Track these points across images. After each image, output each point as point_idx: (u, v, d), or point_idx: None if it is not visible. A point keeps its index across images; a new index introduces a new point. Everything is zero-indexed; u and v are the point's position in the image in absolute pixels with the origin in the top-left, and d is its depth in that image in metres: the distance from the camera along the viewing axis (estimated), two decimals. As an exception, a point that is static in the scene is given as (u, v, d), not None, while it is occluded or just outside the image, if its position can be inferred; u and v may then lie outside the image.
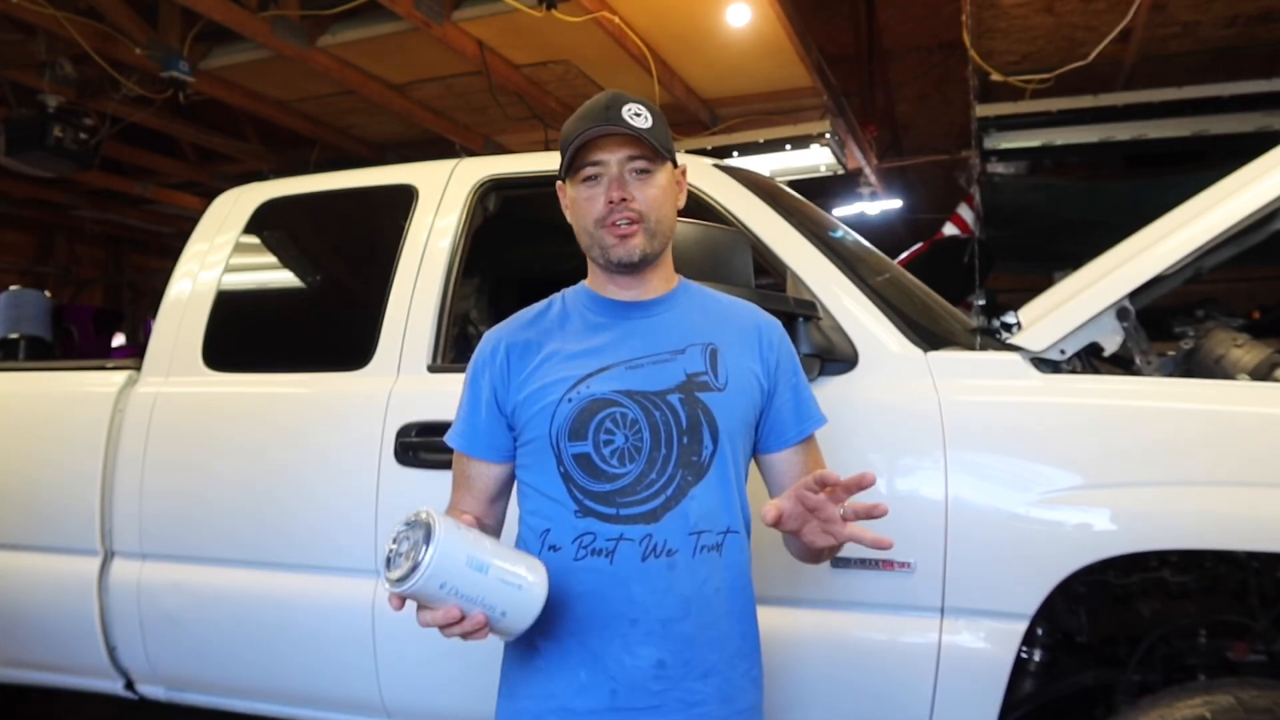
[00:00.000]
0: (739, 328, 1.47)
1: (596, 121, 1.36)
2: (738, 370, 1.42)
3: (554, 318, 1.48)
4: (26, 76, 5.72)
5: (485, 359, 1.46)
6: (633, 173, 1.38)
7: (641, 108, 1.39)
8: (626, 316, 1.44)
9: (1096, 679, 1.93)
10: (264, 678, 2.43)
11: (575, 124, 1.41)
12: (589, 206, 1.39)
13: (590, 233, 1.40)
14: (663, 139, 1.40)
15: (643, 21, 5.39)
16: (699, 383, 1.38)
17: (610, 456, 1.35)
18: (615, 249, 1.38)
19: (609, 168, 1.38)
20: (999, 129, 5.71)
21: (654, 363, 1.39)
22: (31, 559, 2.66)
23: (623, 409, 1.36)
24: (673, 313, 1.45)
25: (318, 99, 6.60)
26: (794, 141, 6.28)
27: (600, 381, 1.37)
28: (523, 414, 1.41)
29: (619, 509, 1.35)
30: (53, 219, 10.34)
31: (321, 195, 2.80)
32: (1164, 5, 4.73)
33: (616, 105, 1.37)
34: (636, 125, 1.36)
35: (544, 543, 1.38)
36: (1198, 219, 1.95)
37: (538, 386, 1.39)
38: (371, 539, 2.24)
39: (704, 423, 1.37)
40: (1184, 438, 1.79)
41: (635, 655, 1.34)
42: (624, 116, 1.36)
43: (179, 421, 2.54)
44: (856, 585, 1.91)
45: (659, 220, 1.40)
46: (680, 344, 1.41)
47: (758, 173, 2.58)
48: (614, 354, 1.40)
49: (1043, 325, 1.97)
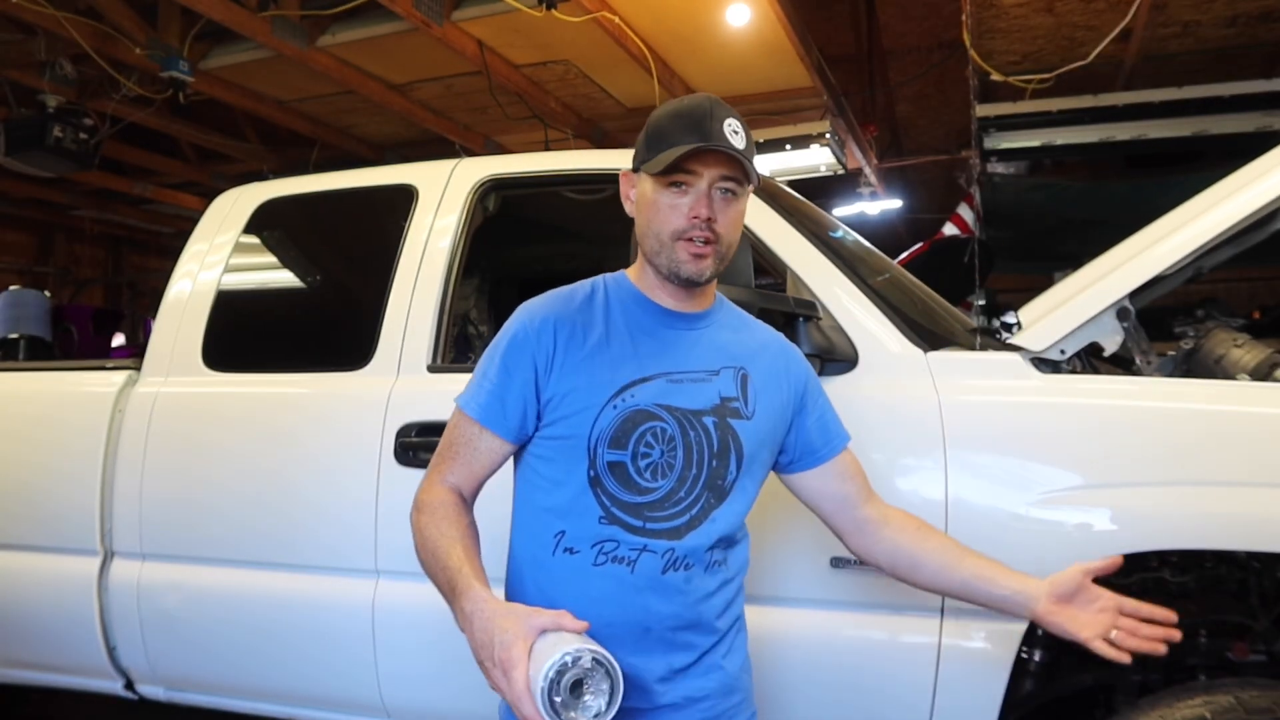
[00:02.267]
0: (768, 357, 1.48)
1: (700, 133, 1.32)
2: (764, 400, 1.44)
3: (599, 308, 1.43)
4: (26, 76, 5.72)
5: (531, 334, 1.39)
6: (719, 191, 1.36)
7: (739, 125, 1.36)
8: (671, 326, 1.43)
9: (1096, 679, 1.92)
10: (264, 678, 2.43)
11: (672, 123, 1.36)
12: (669, 215, 1.36)
13: (663, 241, 1.37)
14: (752, 160, 1.38)
15: (643, 21, 5.39)
16: (731, 408, 1.40)
17: (645, 469, 1.35)
18: (687, 265, 1.36)
19: (700, 180, 1.34)
20: (999, 129, 5.70)
21: (692, 380, 1.39)
22: (31, 559, 2.66)
23: (663, 424, 1.36)
24: (710, 330, 1.45)
25: (318, 99, 6.60)
26: (794, 141, 6.29)
27: (644, 392, 1.36)
28: (562, 407, 1.37)
29: (646, 522, 1.36)
30: (52, 219, 10.35)
31: (321, 195, 2.79)
32: (1164, 5, 4.73)
33: (720, 118, 1.34)
34: (735, 145, 1.33)
35: (559, 544, 1.37)
36: (1198, 219, 1.95)
37: (582, 382, 1.37)
38: (371, 539, 2.24)
39: (732, 448, 1.39)
40: (1184, 438, 1.79)
41: (645, 661, 1.35)
42: (725, 133, 1.33)
43: (179, 422, 2.54)
44: (856, 584, 1.90)
45: (730, 245, 1.39)
46: (715, 364, 1.42)
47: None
48: (656, 364, 1.39)
49: (1043, 325, 1.97)
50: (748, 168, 1.35)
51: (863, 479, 1.56)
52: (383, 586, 2.26)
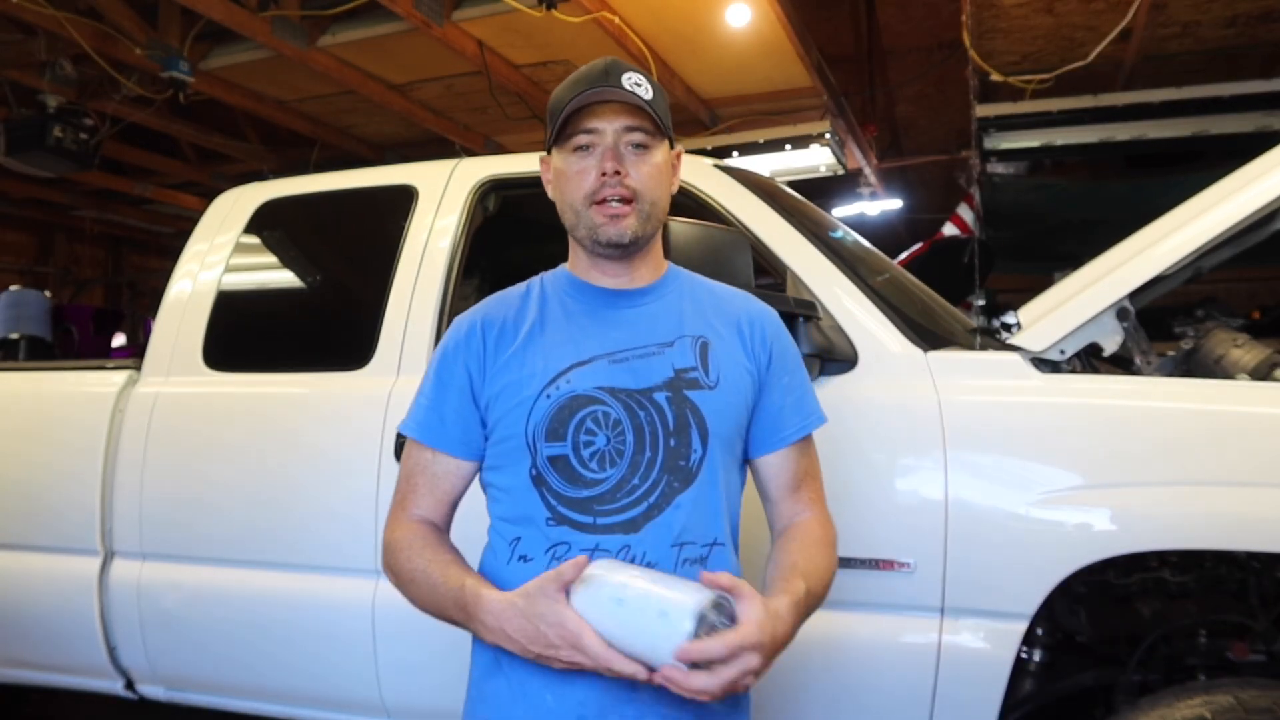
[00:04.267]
0: (731, 318, 1.36)
1: (594, 85, 1.24)
2: (730, 366, 1.31)
3: (533, 302, 1.35)
4: (26, 76, 5.72)
5: (459, 341, 1.33)
6: (629, 146, 1.26)
7: (642, 78, 1.27)
8: (611, 305, 1.33)
9: (1096, 679, 1.92)
10: (264, 677, 2.43)
11: (568, 88, 1.28)
12: (578, 180, 1.26)
13: (577, 209, 1.27)
14: (663, 113, 1.29)
15: (643, 21, 5.39)
16: (688, 379, 1.27)
17: (590, 459, 1.24)
18: (605, 228, 1.25)
19: (604, 137, 1.25)
20: (999, 129, 5.70)
21: (639, 356, 1.28)
22: (32, 559, 2.66)
23: (605, 407, 1.25)
24: (660, 302, 1.34)
25: (318, 99, 6.60)
26: (794, 141, 6.28)
27: (581, 376, 1.26)
28: (497, 408, 1.29)
29: (596, 517, 1.24)
30: (53, 219, 10.34)
31: (321, 195, 2.80)
32: (1164, 5, 4.73)
33: (616, 72, 1.26)
34: (638, 94, 1.24)
35: (514, 552, 1.27)
36: (1198, 219, 1.95)
37: (515, 378, 1.28)
38: (371, 539, 2.24)
39: (693, 424, 1.26)
40: (1184, 438, 1.79)
41: (606, 679, 1.15)
42: (624, 84, 1.24)
43: (179, 422, 2.54)
44: (856, 585, 1.90)
45: (654, 202, 1.28)
46: (668, 336, 1.30)
47: (757, 173, 2.58)
48: (596, 346, 1.29)
49: (1043, 325, 1.97)
50: (655, 116, 1.26)
51: (815, 488, 1.39)
52: (383, 586, 2.26)
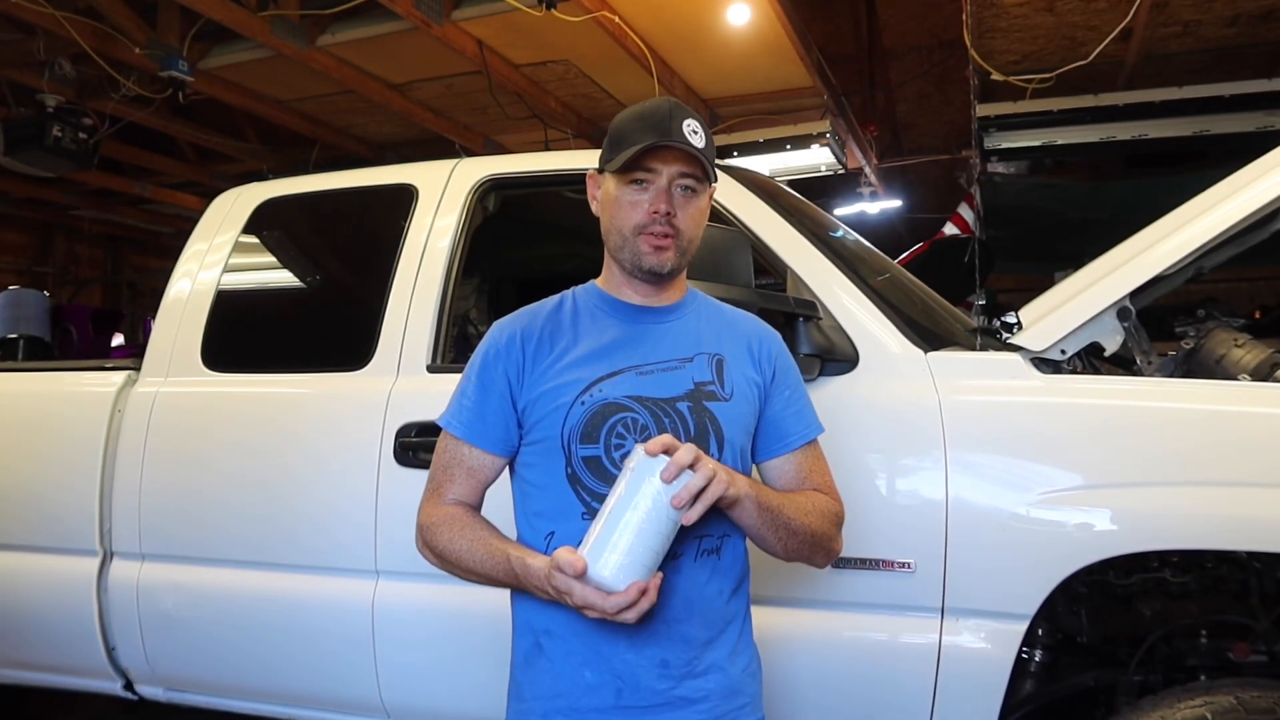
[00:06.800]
0: (741, 338, 1.51)
1: (658, 132, 1.38)
2: (741, 380, 1.46)
3: (566, 315, 1.49)
4: (26, 76, 5.72)
5: (500, 349, 1.47)
6: (679, 189, 1.41)
7: (698, 125, 1.42)
8: (638, 320, 1.47)
9: (1097, 679, 1.92)
10: (263, 678, 2.42)
11: (633, 124, 1.42)
12: (630, 211, 1.42)
13: (625, 236, 1.43)
14: (711, 159, 1.43)
15: (643, 21, 5.39)
16: (706, 392, 1.42)
17: (620, 460, 1.36)
18: (648, 257, 1.41)
19: (659, 178, 1.40)
20: (999, 129, 5.69)
21: (663, 370, 1.43)
22: (31, 559, 2.66)
23: (634, 414, 1.39)
24: (681, 321, 1.49)
25: (317, 99, 6.60)
26: (794, 141, 6.30)
27: (612, 386, 1.40)
28: (534, 412, 1.42)
29: None
30: (52, 219, 10.35)
31: (321, 195, 2.79)
32: (1165, 5, 4.72)
33: (679, 118, 1.40)
34: (694, 144, 1.39)
35: (549, 545, 1.39)
36: (1198, 219, 1.95)
37: (552, 386, 1.42)
38: (371, 539, 2.24)
39: (711, 431, 1.41)
40: (1185, 438, 1.79)
41: (640, 654, 1.37)
42: (684, 132, 1.39)
43: (178, 422, 2.54)
44: (856, 585, 1.90)
45: (691, 240, 1.45)
46: (688, 352, 1.45)
47: (758, 172, 2.58)
48: (625, 358, 1.43)
49: (1043, 325, 1.97)
50: (706, 165, 1.41)
51: (824, 480, 1.52)
52: (382, 586, 2.26)
